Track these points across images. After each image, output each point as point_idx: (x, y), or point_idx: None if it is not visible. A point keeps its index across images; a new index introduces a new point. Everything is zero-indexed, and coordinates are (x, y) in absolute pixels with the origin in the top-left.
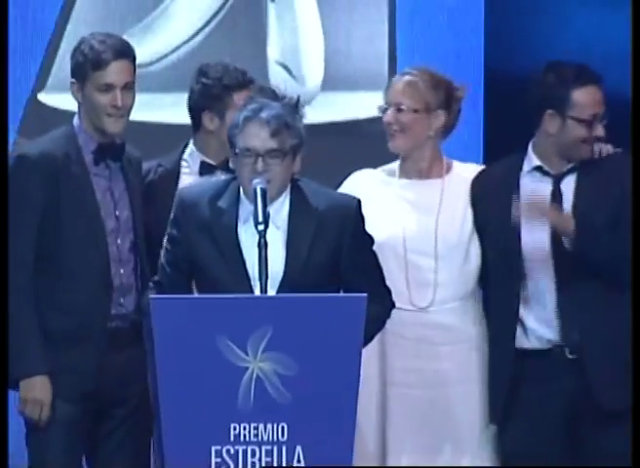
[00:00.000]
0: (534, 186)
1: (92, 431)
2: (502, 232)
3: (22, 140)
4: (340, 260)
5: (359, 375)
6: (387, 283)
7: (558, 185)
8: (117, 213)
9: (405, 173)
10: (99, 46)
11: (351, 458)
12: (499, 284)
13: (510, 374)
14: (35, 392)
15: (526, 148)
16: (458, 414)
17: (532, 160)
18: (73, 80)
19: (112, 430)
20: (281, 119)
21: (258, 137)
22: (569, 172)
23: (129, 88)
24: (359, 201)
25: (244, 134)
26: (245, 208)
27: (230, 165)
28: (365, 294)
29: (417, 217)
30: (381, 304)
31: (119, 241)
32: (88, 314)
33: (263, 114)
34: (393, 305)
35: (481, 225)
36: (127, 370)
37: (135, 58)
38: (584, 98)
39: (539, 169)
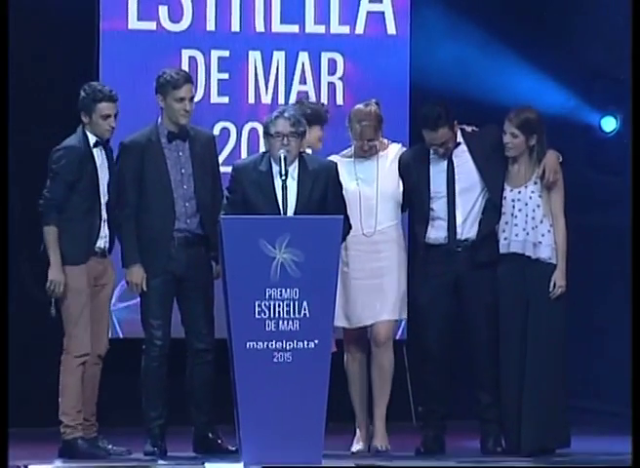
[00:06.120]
0: (436, 158)
1: (174, 294)
2: (420, 183)
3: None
4: (327, 200)
5: (338, 263)
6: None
7: (450, 157)
8: (182, 170)
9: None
10: (175, 75)
11: (334, 307)
12: (417, 214)
13: (422, 260)
14: (133, 275)
15: None
16: (391, 290)
17: None
18: (158, 94)
19: (187, 295)
20: (296, 116)
21: (284, 126)
22: (456, 146)
23: (192, 99)
24: (336, 164)
25: (275, 124)
26: (275, 169)
27: (264, 145)
28: (342, 217)
29: (366, 180)
30: (344, 226)
31: (185, 187)
32: (161, 230)
33: (286, 114)
34: (350, 227)
35: (405, 182)
36: (191, 260)
37: (193, 82)
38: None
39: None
